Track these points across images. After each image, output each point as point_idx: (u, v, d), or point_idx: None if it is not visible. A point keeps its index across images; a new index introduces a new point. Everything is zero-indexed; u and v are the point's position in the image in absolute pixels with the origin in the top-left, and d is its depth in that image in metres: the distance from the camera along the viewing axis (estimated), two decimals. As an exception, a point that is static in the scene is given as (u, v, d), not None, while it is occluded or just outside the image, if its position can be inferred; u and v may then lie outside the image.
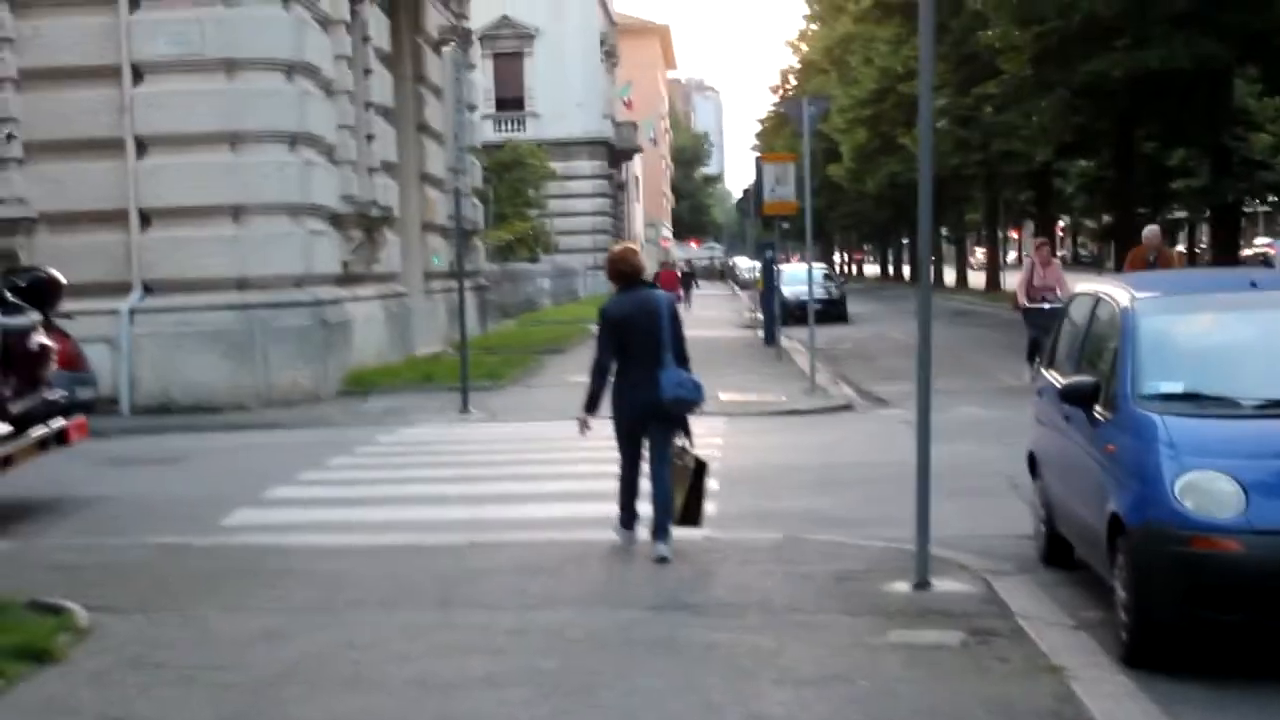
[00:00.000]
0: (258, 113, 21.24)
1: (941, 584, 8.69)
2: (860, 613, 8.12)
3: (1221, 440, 7.51)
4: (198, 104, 21.01)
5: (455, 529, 11.33)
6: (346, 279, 23.90)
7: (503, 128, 60.69)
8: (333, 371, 22.05)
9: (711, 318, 47.78)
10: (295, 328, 21.33)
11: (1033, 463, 10.32)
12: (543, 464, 14.91)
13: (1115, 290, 9.04)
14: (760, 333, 34.08)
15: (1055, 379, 9.72)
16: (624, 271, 10.15)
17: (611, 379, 10.04)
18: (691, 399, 9.97)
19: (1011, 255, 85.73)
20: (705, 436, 15.85)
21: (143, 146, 21.10)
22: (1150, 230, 21.48)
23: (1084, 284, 10.41)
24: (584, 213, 62.89)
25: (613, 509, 10.37)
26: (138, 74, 21.07)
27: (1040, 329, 18.93)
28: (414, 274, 29.45)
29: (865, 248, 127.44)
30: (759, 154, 56.00)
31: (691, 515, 10.19)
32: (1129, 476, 7.64)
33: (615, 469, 10.29)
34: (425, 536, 11.01)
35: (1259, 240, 76.88)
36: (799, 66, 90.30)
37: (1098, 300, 9.28)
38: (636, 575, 9.44)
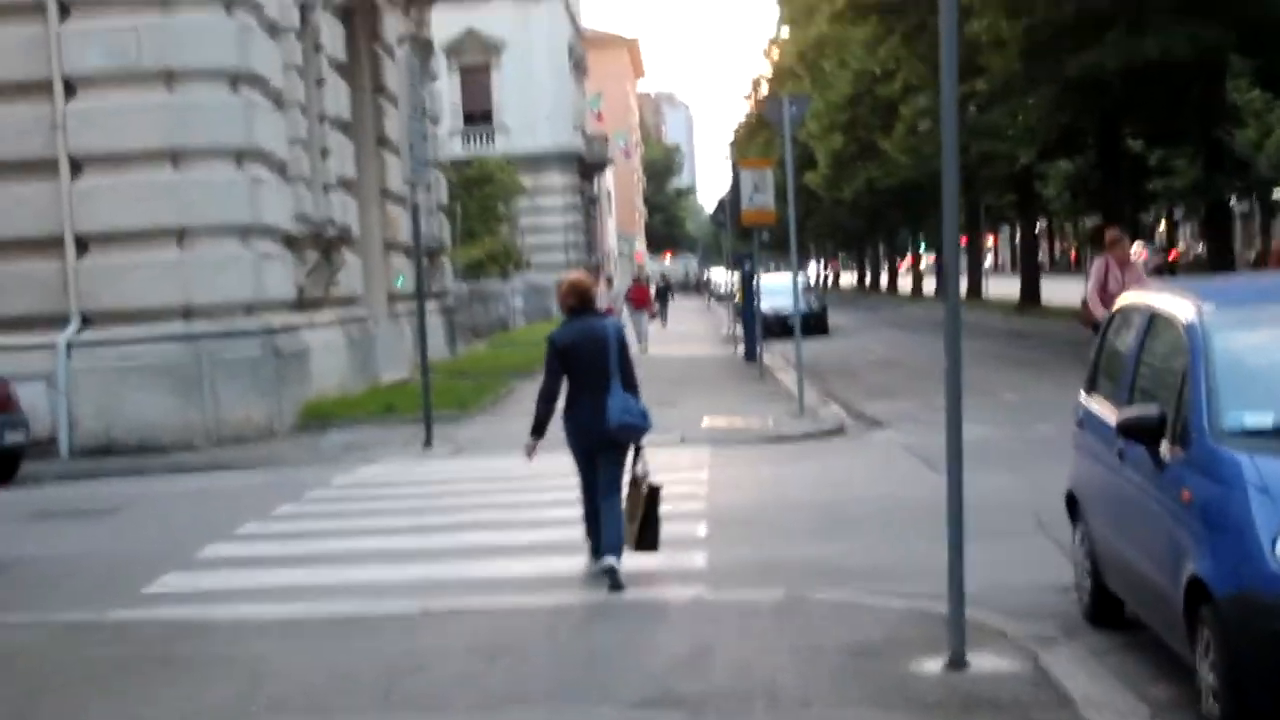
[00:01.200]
0: (200, 127, 19.81)
1: (980, 660, 7.25)
2: (890, 705, 6.67)
3: (1329, 487, 6.12)
4: (135, 119, 19.56)
5: (408, 592, 9.89)
6: (302, 304, 22.37)
7: (471, 143, 59.23)
8: (288, 405, 20.52)
9: (687, 333, 46.37)
10: (246, 359, 19.85)
11: (1073, 504, 8.90)
12: (510, 508, 13.47)
13: (1176, 299, 7.61)
14: (739, 349, 32.55)
15: (1100, 408, 8.31)
16: (577, 299, 10.12)
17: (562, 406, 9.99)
18: (637, 426, 9.85)
19: (988, 261, 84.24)
20: (689, 470, 14.67)
21: (77, 166, 19.66)
22: None
23: (1135, 291, 8.95)
24: (556, 228, 61.37)
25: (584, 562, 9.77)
26: (70, 88, 19.61)
27: None
28: (377, 296, 27.95)
29: (839, 256, 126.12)
30: (735, 160, 54.55)
31: (649, 540, 9.97)
32: (1212, 531, 6.24)
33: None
34: (373, 604, 9.60)
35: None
36: (770, 76, 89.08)
37: (1153, 311, 7.84)
38: (618, 652, 7.99)
